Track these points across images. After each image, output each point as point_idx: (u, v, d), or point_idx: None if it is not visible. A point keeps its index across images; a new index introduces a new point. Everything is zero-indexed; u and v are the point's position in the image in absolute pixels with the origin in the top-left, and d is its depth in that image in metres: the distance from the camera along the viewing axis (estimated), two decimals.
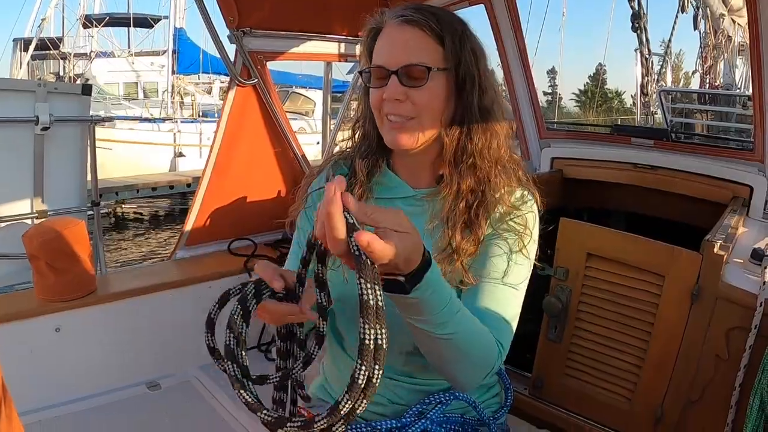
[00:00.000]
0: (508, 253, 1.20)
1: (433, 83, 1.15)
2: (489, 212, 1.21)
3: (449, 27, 1.17)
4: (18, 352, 2.03)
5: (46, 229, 2.17)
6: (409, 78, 1.15)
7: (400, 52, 1.16)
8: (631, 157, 2.74)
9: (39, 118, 3.08)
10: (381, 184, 1.30)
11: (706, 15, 6.98)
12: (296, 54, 2.82)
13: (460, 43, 1.17)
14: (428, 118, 1.18)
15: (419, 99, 1.16)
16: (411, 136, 1.19)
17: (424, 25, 1.15)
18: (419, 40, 1.16)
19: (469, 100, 1.19)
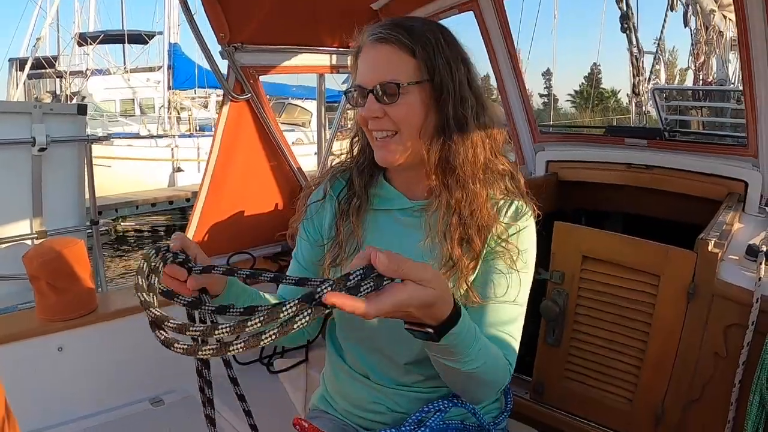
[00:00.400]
0: (509, 270, 1.21)
1: (408, 98, 1.17)
2: (484, 227, 1.21)
3: (421, 38, 1.17)
4: (21, 371, 2.04)
5: (46, 250, 2.18)
6: (384, 95, 1.17)
7: (375, 70, 1.18)
8: (626, 158, 2.75)
9: (36, 140, 3.09)
10: (378, 196, 1.32)
11: (696, 12, 7.00)
12: (288, 67, 2.84)
13: (434, 53, 1.17)
14: (408, 132, 1.19)
15: (396, 114, 1.17)
16: (396, 151, 1.21)
17: (395, 41, 1.17)
18: (391, 57, 1.17)
19: (447, 111, 1.18)
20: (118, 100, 19.69)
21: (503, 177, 1.27)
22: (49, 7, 18.05)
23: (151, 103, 19.87)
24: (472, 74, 1.23)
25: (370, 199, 1.32)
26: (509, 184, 1.28)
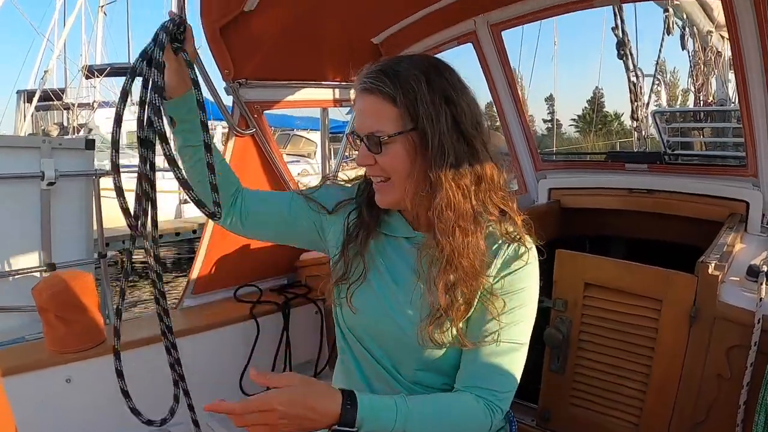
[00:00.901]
0: (505, 312, 1.21)
1: (393, 147, 1.19)
2: (473, 276, 1.19)
3: (404, 85, 1.16)
4: (30, 402, 2.06)
5: (54, 282, 2.21)
6: (371, 144, 1.20)
7: (363, 120, 1.21)
8: (627, 183, 2.77)
9: (44, 174, 3.13)
10: (387, 222, 1.35)
11: (693, 33, 7.04)
12: (292, 102, 2.89)
13: (416, 100, 1.16)
14: (398, 179, 1.22)
15: (383, 163, 1.21)
16: (389, 195, 1.25)
17: (378, 91, 1.18)
18: (376, 107, 1.19)
19: (431, 156, 1.17)
20: (125, 132, 19.85)
21: (500, 221, 1.26)
22: (57, 40, 18.30)
23: None
24: (461, 114, 1.20)
25: (379, 223, 1.35)
26: (507, 226, 1.26)
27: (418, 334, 1.21)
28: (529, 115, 5.44)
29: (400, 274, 1.29)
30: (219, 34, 2.37)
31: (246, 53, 2.52)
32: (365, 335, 1.33)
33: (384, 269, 1.31)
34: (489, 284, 1.22)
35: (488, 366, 1.20)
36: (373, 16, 2.78)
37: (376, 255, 1.33)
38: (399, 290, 1.27)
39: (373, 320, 1.30)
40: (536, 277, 1.27)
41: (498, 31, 2.73)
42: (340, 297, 1.34)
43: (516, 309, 1.22)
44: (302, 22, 2.55)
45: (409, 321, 1.24)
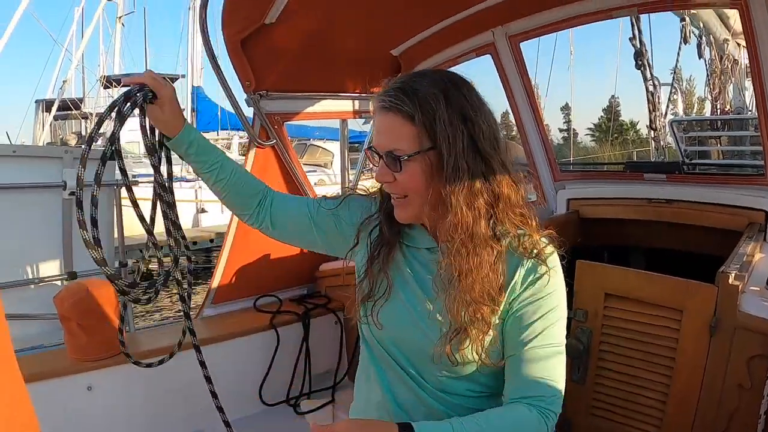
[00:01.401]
0: (541, 316, 1.22)
1: (411, 166, 1.19)
2: (489, 297, 1.20)
3: (423, 106, 1.16)
4: (51, 409, 2.09)
5: (76, 291, 2.24)
6: (390, 162, 1.20)
7: (382, 138, 1.22)
8: (646, 193, 2.77)
9: (66, 183, 3.17)
10: (409, 235, 1.35)
11: (710, 42, 7.00)
12: (312, 113, 2.92)
13: (434, 119, 1.16)
14: (416, 196, 1.22)
15: (402, 181, 1.21)
16: (407, 211, 1.26)
17: (397, 110, 1.18)
18: (394, 126, 1.19)
19: (446, 176, 1.17)
20: (142, 141, 20.01)
21: (518, 237, 1.25)
22: (75, 50, 18.53)
23: None
24: (479, 133, 1.19)
25: (402, 235, 1.36)
26: (526, 241, 1.25)
27: (435, 352, 1.22)
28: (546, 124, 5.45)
29: (426, 284, 1.29)
30: (240, 46, 2.40)
31: (266, 65, 2.55)
32: (392, 346, 1.34)
33: (411, 280, 1.31)
34: (513, 299, 1.22)
35: (533, 374, 1.21)
36: (392, 29, 2.81)
37: (402, 267, 1.33)
38: (427, 300, 1.28)
39: (402, 331, 1.30)
40: (561, 280, 1.27)
41: (516, 43, 2.74)
42: (367, 314, 1.34)
43: (548, 313, 1.22)
44: (322, 34, 2.58)
45: (438, 330, 1.24)
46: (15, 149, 3.35)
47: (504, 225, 1.23)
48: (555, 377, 1.22)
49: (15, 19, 12.22)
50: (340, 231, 1.45)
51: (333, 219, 1.45)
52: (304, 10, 2.36)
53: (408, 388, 1.33)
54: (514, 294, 1.22)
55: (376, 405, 1.40)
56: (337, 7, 2.46)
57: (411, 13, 2.68)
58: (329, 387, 2.76)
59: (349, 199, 1.47)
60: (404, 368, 1.32)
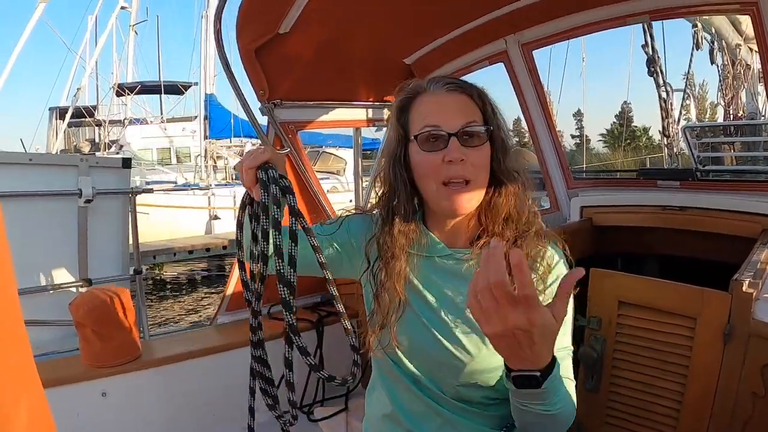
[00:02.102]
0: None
1: (481, 147, 1.22)
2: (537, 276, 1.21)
3: (483, 96, 1.25)
4: (66, 415, 2.11)
5: (91, 298, 2.25)
6: (469, 138, 1.20)
7: (456, 115, 1.21)
8: (659, 200, 2.76)
9: (82, 191, 3.20)
10: (419, 243, 1.32)
11: (722, 47, 6.97)
12: (325, 122, 2.94)
13: (493, 110, 1.25)
14: (481, 179, 1.23)
15: (477, 160, 1.21)
16: (469, 199, 1.22)
17: (468, 92, 1.24)
18: (469, 105, 1.23)
19: (500, 162, 1.24)
20: (155, 148, 20.13)
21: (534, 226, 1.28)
22: (89, 58, 18.70)
23: (188, 152, 20.26)
24: (508, 137, 1.30)
25: (411, 246, 1.32)
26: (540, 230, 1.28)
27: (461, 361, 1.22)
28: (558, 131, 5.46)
29: (443, 295, 1.28)
30: (254, 55, 2.43)
31: (280, 74, 2.57)
32: (405, 359, 1.32)
33: (426, 292, 1.29)
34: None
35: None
36: (405, 37, 2.82)
37: (415, 282, 1.31)
38: (442, 310, 1.27)
39: (417, 344, 1.29)
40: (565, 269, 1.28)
41: (529, 51, 2.75)
42: (383, 340, 1.31)
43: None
44: (336, 43, 2.60)
45: (458, 341, 1.24)
46: (31, 157, 3.39)
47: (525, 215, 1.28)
48: (571, 377, 1.23)
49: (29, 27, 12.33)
50: (342, 255, 1.41)
51: (332, 246, 1.41)
52: (318, 20, 2.38)
53: (419, 399, 1.32)
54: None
55: (385, 417, 1.40)
56: (350, 16, 2.47)
57: (424, 21, 2.69)
58: (343, 395, 2.76)
59: (347, 221, 1.43)
60: (417, 380, 1.31)
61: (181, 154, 20.37)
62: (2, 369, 0.48)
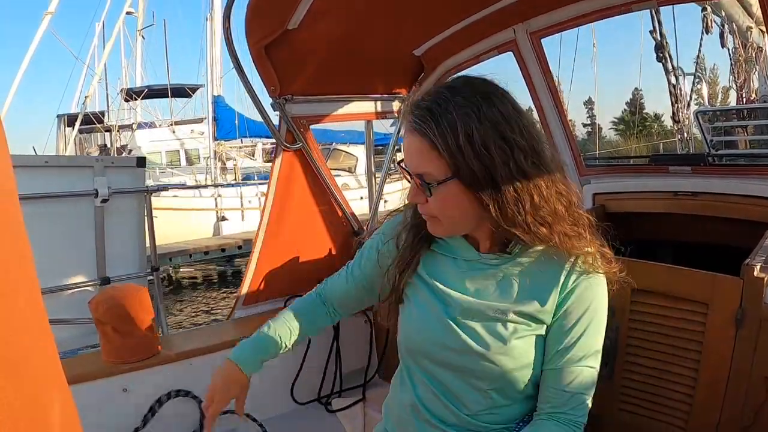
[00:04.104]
0: (584, 327, 1.23)
1: (442, 191, 1.16)
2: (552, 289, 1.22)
3: (448, 130, 1.11)
4: (88, 411, 2.12)
5: (111, 296, 2.28)
6: (421, 185, 1.18)
7: (411, 160, 1.19)
8: (671, 186, 2.75)
9: (98, 191, 3.23)
10: (444, 241, 1.33)
11: (732, 30, 6.91)
12: (337, 116, 2.95)
13: (460, 147, 1.11)
14: (452, 214, 1.20)
15: (434, 204, 1.19)
16: (446, 231, 1.25)
17: (423, 134, 1.14)
18: (422, 150, 1.15)
19: (485, 196, 1.14)
20: (164, 151, 20.22)
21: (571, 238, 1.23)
22: (97, 64, 18.83)
23: (197, 154, 20.34)
24: (515, 149, 1.14)
25: (435, 243, 1.34)
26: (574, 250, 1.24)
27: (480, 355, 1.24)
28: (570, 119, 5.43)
29: (464, 293, 1.28)
30: (264, 52, 2.44)
31: (291, 70, 2.59)
32: (419, 353, 1.34)
33: (444, 286, 1.30)
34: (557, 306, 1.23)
35: (569, 388, 1.23)
36: (413, 29, 2.82)
37: (435, 274, 1.33)
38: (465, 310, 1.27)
39: (430, 339, 1.31)
40: (604, 285, 1.28)
41: (538, 39, 2.75)
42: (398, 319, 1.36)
43: (589, 325, 1.24)
44: (344, 37, 2.61)
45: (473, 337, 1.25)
46: (47, 160, 3.44)
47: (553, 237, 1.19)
48: (588, 390, 1.24)
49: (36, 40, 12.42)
50: (380, 263, 1.46)
51: (376, 270, 1.47)
52: (326, 14, 2.39)
53: (435, 396, 1.34)
54: (561, 301, 1.23)
55: (405, 405, 1.42)
56: (358, 9, 2.48)
57: (432, 13, 2.69)
58: (360, 385, 2.79)
59: (381, 234, 1.48)
60: (436, 377, 1.33)
61: (191, 156, 20.46)
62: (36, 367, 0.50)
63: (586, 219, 1.28)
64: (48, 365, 0.53)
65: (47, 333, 0.53)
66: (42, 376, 0.51)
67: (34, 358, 0.49)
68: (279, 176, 2.75)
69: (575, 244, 1.22)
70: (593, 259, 1.26)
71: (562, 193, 1.22)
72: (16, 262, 0.47)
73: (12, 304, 0.45)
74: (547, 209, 1.17)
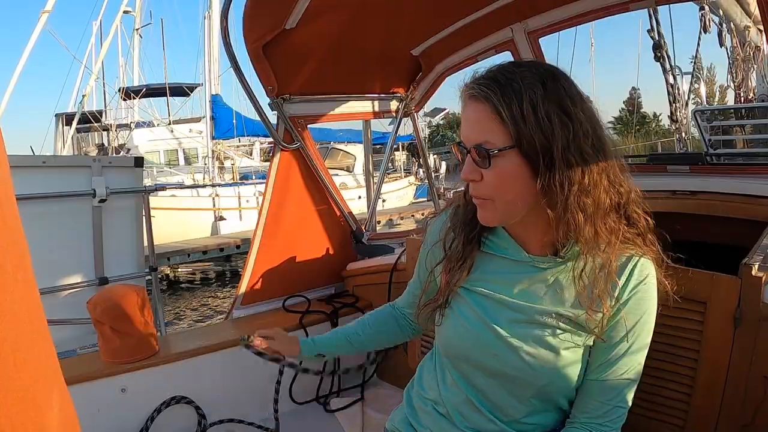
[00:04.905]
0: (633, 339, 1.20)
1: (501, 162, 1.09)
2: (609, 292, 1.16)
3: (514, 98, 1.07)
4: (86, 411, 2.14)
5: (109, 296, 2.29)
6: (479, 157, 1.11)
7: (470, 130, 1.12)
8: (670, 185, 2.75)
9: (96, 191, 3.23)
10: (491, 240, 1.28)
11: (730, 29, 6.90)
12: (335, 115, 2.96)
13: (522, 117, 1.06)
14: (503, 199, 1.13)
15: (490, 179, 1.12)
16: (492, 215, 1.17)
17: (486, 100, 1.09)
18: (482, 118, 1.10)
19: (542, 176, 1.09)
20: (162, 150, 20.19)
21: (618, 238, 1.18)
22: (94, 63, 18.78)
23: (195, 153, 20.32)
24: (579, 129, 1.09)
25: (483, 241, 1.29)
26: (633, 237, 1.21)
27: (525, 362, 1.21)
28: None
29: (512, 297, 1.23)
30: (262, 52, 2.44)
31: (289, 69, 2.59)
32: (457, 358, 1.32)
33: (492, 291, 1.25)
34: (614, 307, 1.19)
35: (610, 402, 1.22)
36: (411, 29, 2.83)
37: (481, 277, 1.28)
38: (512, 315, 1.23)
39: (479, 347, 1.26)
40: (655, 296, 1.25)
41: (535, 38, 2.75)
42: (438, 320, 1.32)
43: (638, 338, 1.22)
44: (342, 37, 2.61)
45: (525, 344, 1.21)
46: (45, 160, 3.43)
47: (601, 233, 1.14)
48: (627, 402, 1.23)
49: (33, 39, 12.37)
50: (428, 266, 1.42)
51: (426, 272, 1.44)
52: (324, 14, 2.39)
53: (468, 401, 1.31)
54: (614, 313, 1.19)
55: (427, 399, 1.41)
56: (356, 9, 2.49)
57: (430, 12, 2.70)
58: (358, 385, 2.79)
59: (428, 234, 1.43)
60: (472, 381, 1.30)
61: (189, 155, 20.43)
62: (34, 367, 0.50)
63: (645, 221, 1.24)
64: (46, 366, 0.53)
65: (45, 333, 0.53)
66: (40, 376, 0.51)
67: (33, 358, 0.49)
68: (277, 176, 2.75)
69: (627, 248, 1.19)
70: (650, 269, 1.22)
71: (615, 185, 1.17)
72: (13, 262, 0.47)
73: (10, 305, 0.45)
74: (593, 196, 1.11)
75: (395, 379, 2.80)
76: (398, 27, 2.74)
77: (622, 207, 1.19)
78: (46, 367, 0.53)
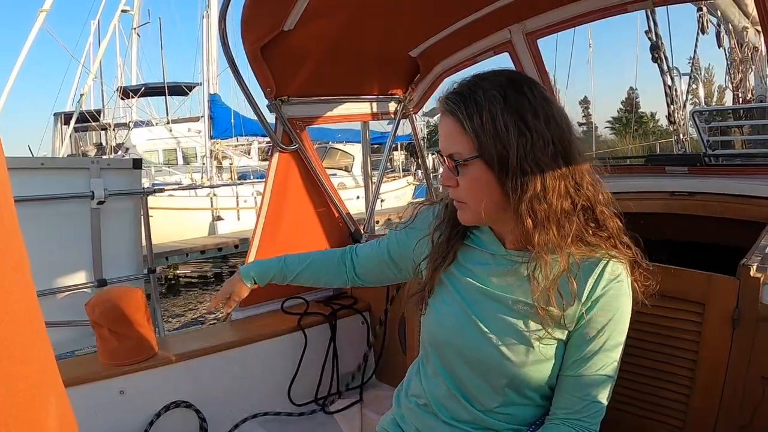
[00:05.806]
0: (606, 337, 1.25)
1: (469, 170, 1.20)
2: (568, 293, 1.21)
3: (475, 110, 1.17)
4: (84, 413, 2.12)
5: (107, 298, 2.28)
6: (451, 166, 1.22)
7: (443, 142, 1.24)
8: (668, 186, 2.76)
9: (94, 193, 3.23)
10: (475, 235, 1.38)
11: (728, 30, 6.92)
12: (333, 117, 2.95)
13: (484, 128, 1.16)
14: (475, 203, 1.23)
15: (464, 185, 1.23)
16: (469, 216, 1.27)
17: (452, 114, 1.20)
18: (452, 131, 1.21)
19: (509, 181, 1.17)
20: (161, 150, 20.18)
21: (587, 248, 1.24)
22: (92, 62, 18.76)
23: (194, 153, 20.30)
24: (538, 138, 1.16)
25: (468, 236, 1.38)
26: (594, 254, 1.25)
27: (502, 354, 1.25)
28: None
29: (489, 287, 1.31)
30: (260, 54, 2.44)
31: (287, 71, 2.59)
32: (443, 346, 1.37)
33: (472, 281, 1.33)
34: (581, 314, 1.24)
35: (586, 397, 1.25)
36: (409, 30, 2.82)
37: (463, 268, 1.36)
38: (488, 299, 1.30)
39: (454, 334, 1.33)
40: (629, 292, 1.29)
41: (534, 39, 2.75)
42: (423, 309, 1.40)
43: (612, 335, 1.25)
44: (340, 38, 2.61)
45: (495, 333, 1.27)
46: (43, 162, 3.43)
47: (553, 237, 1.19)
48: (605, 399, 1.27)
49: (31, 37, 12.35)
50: (415, 258, 1.50)
51: (407, 251, 1.52)
52: (322, 15, 2.39)
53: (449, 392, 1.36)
54: (586, 309, 1.23)
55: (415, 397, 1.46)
56: (354, 10, 2.49)
57: (428, 14, 2.70)
58: (357, 387, 2.79)
59: (416, 219, 1.53)
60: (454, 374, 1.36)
61: (188, 154, 20.41)
62: (31, 370, 0.50)
63: (616, 222, 1.30)
64: (44, 367, 0.53)
65: (43, 335, 0.53)
66: (38, 378, 0.51)
67: (31, 360, 0.49)
68: (275, 177, 2.75)
69: (594, 249, 1.24)
70: (621, 267, 1.27)
71: (579, 189, 1.22)
72: (11, 264, 0.47)
73: (8, 307, 0.45)
74: (547, 202, 1.17)
75: (394, 381, 2.79)
76: (396, 28, 2.74)
77: (589, 210, 1.24)
78: (44, 369, 0.53)
